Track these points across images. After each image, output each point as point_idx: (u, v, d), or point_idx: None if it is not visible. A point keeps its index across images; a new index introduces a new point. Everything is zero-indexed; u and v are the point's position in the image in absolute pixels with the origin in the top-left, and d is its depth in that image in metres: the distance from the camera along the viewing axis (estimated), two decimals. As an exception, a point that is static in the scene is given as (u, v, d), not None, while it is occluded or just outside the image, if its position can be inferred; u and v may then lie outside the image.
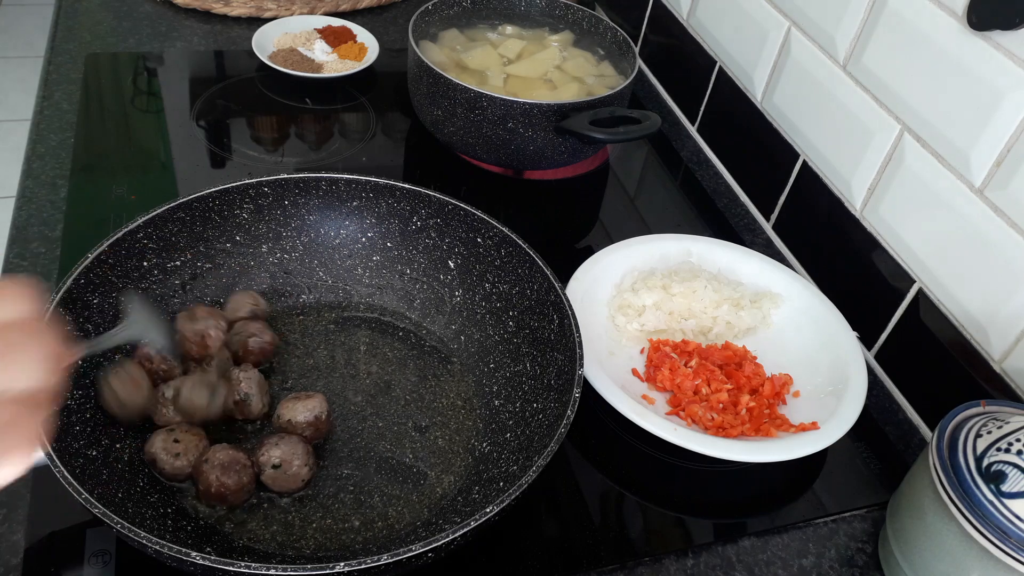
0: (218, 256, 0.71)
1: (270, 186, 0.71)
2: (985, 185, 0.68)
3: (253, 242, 0.73)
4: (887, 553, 0.63)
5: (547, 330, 0.66)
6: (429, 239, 0.74)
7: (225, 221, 0.71)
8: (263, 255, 0.73)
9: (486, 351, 0.71)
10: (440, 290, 0.74)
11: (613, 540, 0.63)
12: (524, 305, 0.69)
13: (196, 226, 0.69)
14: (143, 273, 0.66)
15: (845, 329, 0.76)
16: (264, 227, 0.73)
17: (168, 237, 0.67)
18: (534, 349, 0.67)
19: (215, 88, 1.03)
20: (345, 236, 0.75)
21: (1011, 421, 0.56)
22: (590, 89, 0.98)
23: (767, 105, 0.95)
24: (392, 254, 0.75)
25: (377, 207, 0.74)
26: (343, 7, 1.19)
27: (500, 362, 0.69)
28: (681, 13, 1.10)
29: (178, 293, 0.69)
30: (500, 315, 0.71)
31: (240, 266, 0.72)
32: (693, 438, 0.64)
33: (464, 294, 0.73)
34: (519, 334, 0.69)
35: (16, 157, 1.31)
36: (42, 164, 0.86)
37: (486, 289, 0.72)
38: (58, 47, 1.04)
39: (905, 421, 0.77)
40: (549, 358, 0.65)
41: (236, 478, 0.57)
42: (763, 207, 0.97)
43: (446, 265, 0.74)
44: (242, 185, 0.70)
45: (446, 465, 0.64)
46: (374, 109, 1.04)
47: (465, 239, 0.73)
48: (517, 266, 0.70)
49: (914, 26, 0.73)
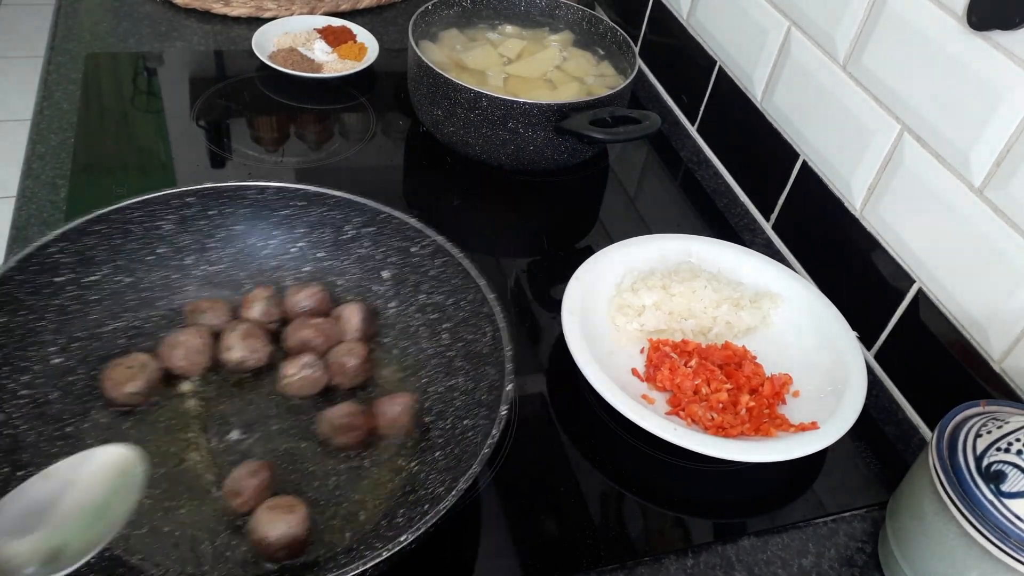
0: (139, 269, 0.68)
1: (195, 195, 0.69)
2: (985, 185, 0.68)
3: (177, 254, 0.70)
4: (887, 553, 0.63)
5: (480, 343, 0.64)
6: (362, 248, 0.72)
7: (147, 233, 0.68)
8: (187, 267, 0.70)
9: (419, 365, 0.68)
10: (374, 301, 0.72)
11: (613, 540, 0.63)
12: (459, 317, 0.67)
13: (115, 239, 0.66)
14: (56, 289, 0.63)
15: (845, 329, 0.76)
16: (188, 238, 0.70)
17: (84, 251, 0.64)
18: (467, 363, 0.65)
19: (215, 88, 1.03)
20: (274, 246, 0.73)
21: (1011, 421, 0.56)
22: (590, 89, 0.98)
23: (767, 105, 0.95)
24: (324, 265, 0.73)
25: (308, 216, 0.72)
26: (343, 7, 1.19)
27: (433, 376, 0.67)
28: (681, 13, 1.10)
29: (95, 309, 0.66)
30: (434, 327, 0.69)
31: (162, 279, 0.69)
32: (693, 438, 0.64)
33: (398, 306, 0.71)
34: (453, 347, 0.67)
35: (16, 157, 1.31)
36: (42, 164, 0.86)
37: (421, 300, 0.70)
38: (58, 47, 1.04)
39: (905, 421, 0.77)
40: (482, 372, 0.63)
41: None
42: (763, 207, 0.97)
43: (379, 276, 0.72)
44: (164, 195, 0.68)
45: (371, 486, 0.60)
46: (374, 109, 1.04)
47: (399, 248, 0.71)
48: (452, 276, 0.68)
49: (914, 26, 0.73)
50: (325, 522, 0.58)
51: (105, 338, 0.66)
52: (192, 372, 0.65)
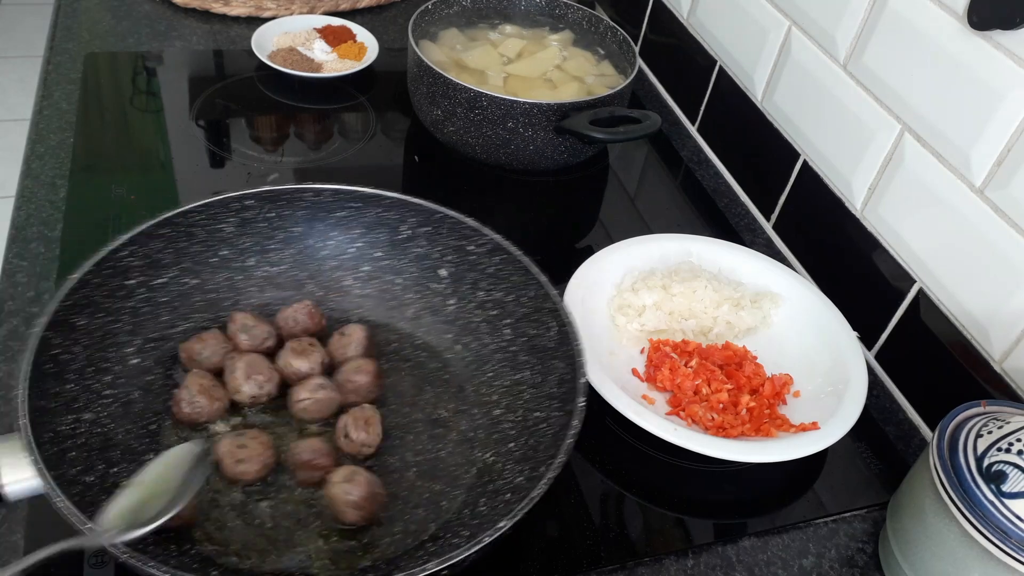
0: (204, 271, 0.69)
1: (254, 198, 0.70)
2: (985, 185, 0.68)
3: (239, 256, 0.71)
4: (887, 553, 0.63)
5: (545, 337, 0.65)
6: (419, 248, 0.73)
7: (210, 236, 0.69)
8: (250, 269, 0.72)
9: (483, 360, 0.69)
10: (433, 299, 0.73)
11: (613, 540, 0.63)
12: (520, 313, 0.68)
13: (180, 242, 0.67)
14: (129, 292, 0.64)
15: (845, 329, 0.76)
16: (249, 240, 0.71)
17: (152, 254, 0.66)
18: (533, 357, 0.66)
19: (214, 88, 1.03)
20: (333, 247, 0.74)
21: (1011, 421, 0.56)
22: (590, 89, 0.98)
23: (767, 105, 0.95)
24: (382, 264, 0.74)
25: (364, 217, 0.73)
26: (343, 6, 1.19)
27: (498, 371, 0.68)
28: (681, 12, 1.10)
29: (165, 311, 0.67)
30: (496, 323, 0.69)
31: (227, 281, 0.71)
32: (693, 438, 0.64)
33: (458, 303, 0.72)
34: (516, 342, 0.68)
35: (15, 157, 1.31)
36: (41, 164, 0.86)
37: (480, 297, 0.71)
38: (57, 47, 1.04)
39: (905, 421, 0.77)
40: (549, 366, 0.64)
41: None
42: (763, 207, 0.97)
43: (437, 274, 0.73)
44: (225, 198, 0.69)
45: (449, 478, 0.62)
46: (374, 109, 1.04)
47: (456, 247, 0.71)
48: (511, 274, 0.68)
49: (914, 26, 0.73)
50: (409, 511, 0.60)
51: (176, 339, 0.67)
52: (213, 417, 0.64)
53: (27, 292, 0.73)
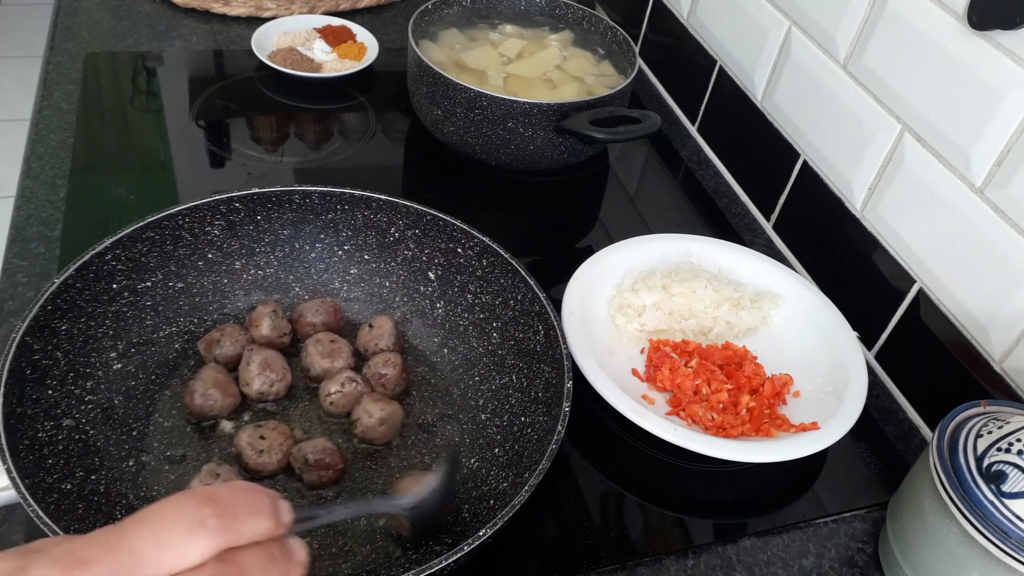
0: (190, 275, 0.69)
1: (241, 201, 0.69)
2: (986, 185, 0.68)
3: (226, 259, 0.71)
4: (887, 553, 0.63)
5: (532, 341, 0.64)
6: (408, 250, 0.72)
7: (196, 239, 0.68)
8: (236, 272, 0.71)
9: (470, 364, 0.69)
10: (421, 302, 0.73)
11: (613, 540, 0.63)
12: (508, 316, 0.67)
13: (166, 245, 0.67)
14: (112, 296, 0.64)
15: (845, 329, 0.76)
16: (236, 243, 0.71)
17: (137, 258, 0.65)
18: (520, 361, 0.65)
19: (214, 88, 1.03)
20: (321, 250, 0.73)
21: (1011, 421, 0.56)
22: (590, 89, 0.98)
23: (767, 105, 0.95)
24: (370, 267, 0.74)
25: (352, 219, 0.72)
26: (343, 6, 1.19)
27: (485, 375, 0.68)
28: (681, 13, 1.10)
29: (149, 315, 0.67)
30: (484, 326, 0.69)
31: (213, 284, 0.70)
32: (693, 438, 0.64)
33: (446, 306, 0.72)
34: (504, 346, 0.67)
35: (15, 157, 1.31)
36: (41, 164, 0.86)
37: (468, 300, 0.70)
38: (57, 47, 1.04)
39: (905, 421, 0.77)
40: (536, 370, 0.63)
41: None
42: (763, 207, 0.97)
43: (426, 276, 0.72)
44: (212, 201, 0.68)
45: None
46: (374, 109, 1.04)
47: (445, 249, 0.71)
48: (500, 276, 0.68)
49: (914, 26, 0.73)
50: (392, 516, 0.59)
51: (161, 343, 0.66)
52: (223, 412, 0.64)
53: (27, 292, 0.73)
